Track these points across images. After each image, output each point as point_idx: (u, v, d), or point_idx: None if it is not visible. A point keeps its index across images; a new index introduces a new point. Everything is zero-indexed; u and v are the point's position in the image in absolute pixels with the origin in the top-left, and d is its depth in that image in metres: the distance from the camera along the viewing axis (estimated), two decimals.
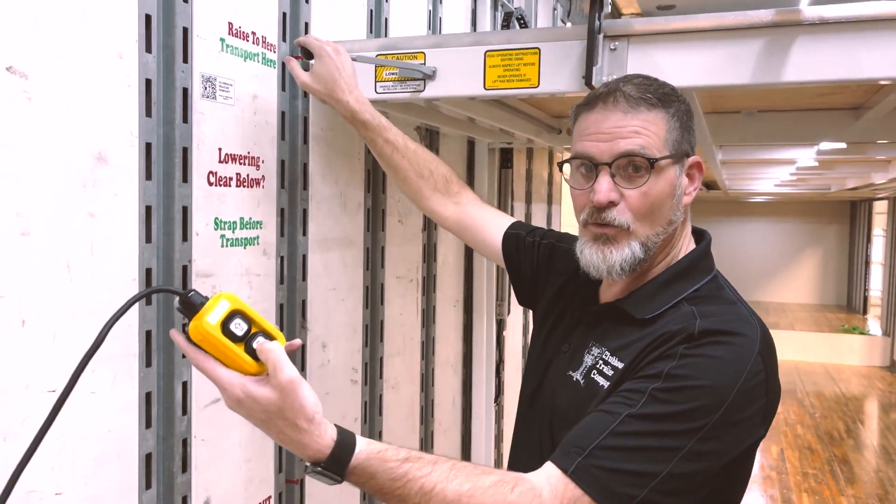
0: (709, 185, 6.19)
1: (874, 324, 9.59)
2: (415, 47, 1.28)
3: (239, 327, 0.80)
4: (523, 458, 1.09)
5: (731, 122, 2.07)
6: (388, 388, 1.73)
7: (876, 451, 5.20)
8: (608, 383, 0.96)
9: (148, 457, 0.99)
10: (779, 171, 4.93)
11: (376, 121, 1.28)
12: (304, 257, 1.35)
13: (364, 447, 0.83)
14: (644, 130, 0.95)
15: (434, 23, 1.86)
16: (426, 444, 2.01)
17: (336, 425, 0.83)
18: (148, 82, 0.97)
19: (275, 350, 0.79)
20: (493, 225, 1.34)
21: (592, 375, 0.99)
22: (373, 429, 1.66)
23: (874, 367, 8.09)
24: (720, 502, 0.97)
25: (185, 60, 1.02)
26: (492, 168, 2.33)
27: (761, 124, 2.05)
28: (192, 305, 0.79)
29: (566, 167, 1.03)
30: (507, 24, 2.24)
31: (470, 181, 2.26)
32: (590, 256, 1.00)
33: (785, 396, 6.59)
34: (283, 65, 1.26)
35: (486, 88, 1.24)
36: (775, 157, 3.83)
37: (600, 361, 0.99)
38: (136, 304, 0.96)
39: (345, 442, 0.82)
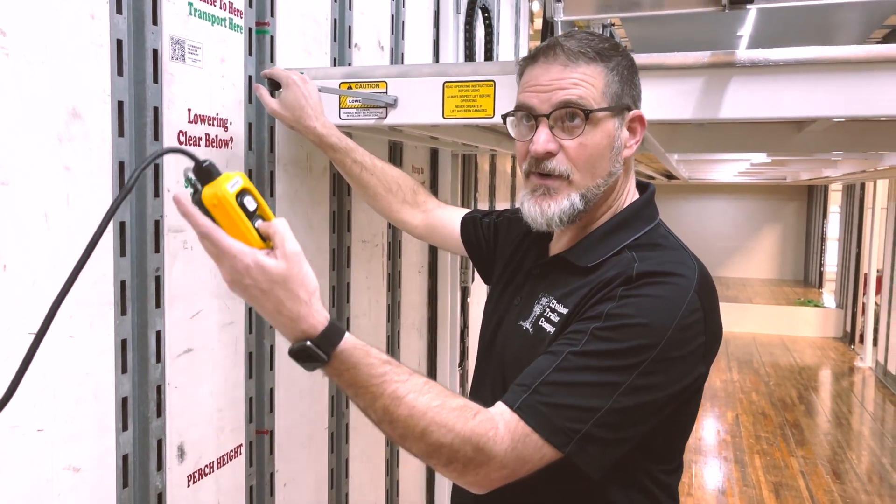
0: (668, 175, 6.34)
1: (829, 297, 9.91)
2: (377, 76, 1.34)
3: (250, 204, 0.82)
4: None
5: (682, 132, 2.17)
6: None
7: (826, 416, 5.43)
8: (554, 329, 0.99)
9: (124, 400, 1.05)
10: (735, 166, 5.08)
11: (343, 143, 1.35)
12: None
13: (351, 337, 0.86)
14: (582, 83, 0.98)
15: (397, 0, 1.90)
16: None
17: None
18: (119, 43, 1.01)
19: (281, 224, 0.83)
20: (456, 219, 1.41)
21: (540, 323, 1.03)
22: None
23: (828, 339, 8.39)
24: (664, 440, 1.01)
25: (155, 23, 1.06)
26: (455, 171, 2.39)
27: (710, 135, 2.14)
28: (208, 173, 0.81)
29: (510, 119, 1.06)
30: (471, 12, 2.27)
31: (434, 184, 2.33)
32: (528, 209, 1.04)
33: (742, 366, 6.82)
34: (250, 30, 1.30)
35: (444, 117, 1.31)
36: (729, 157, 3.95)
37: (548, 309, 1.03)
38: (111, 256, 1.01)
39: (336, 326, 0.85)
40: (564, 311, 1.00)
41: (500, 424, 0.88)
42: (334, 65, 1.60)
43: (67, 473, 0.95)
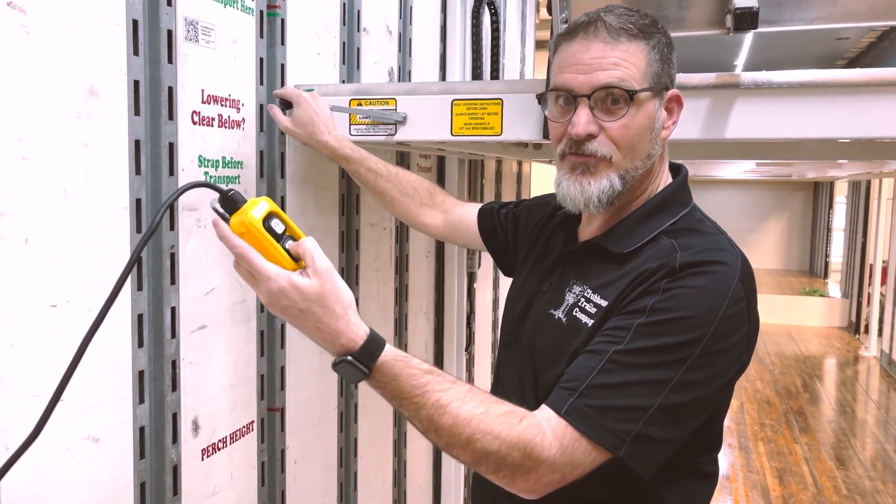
0: None
1: (834, 287, 9.90)
2: (387, 93, 1.37)
3: (277, 226, 0.85)
4: (503, 399, 1.08)
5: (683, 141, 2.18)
6: None
7: (830, 404, 5.44)
8: (592, 321, 0.96)
9: (140, 374, 1.07)
10: (740, 165, 5.11)
11: (356, 154, 1.37)
12: (283, 199, 1.42)
13: (392, 349, 0.86)
14: (624, 62, 0.94)
15: None
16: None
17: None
18: (135, 22, 1.03)
19: (310, 243, 0.85)
20: (474, 214, 1.40)
21: (574, 313, 0.99)
22: None
23: (833, 328, 8.39)
24: (709, 431, 1.00)
25: (169, 3, 1.08)
26: (461, 174, 2.41)
27: (712, 144, 2.15)
28: (233, 202, 0.84)
29: (545, 99, 1.03)
30: (477, 9, 2.26)
31: (440, 185, 2.34)
32: (567, 188, 1.00)
33: None
34: (261, 13, 1.32)
35: (452, 134, 1.33)
36: (733, 161, 3.97)
37: (582, 299, 0.99)
38: (127, 232, 1.03)
39: (376, 338, 0.86)
40: (604, 303, 0.96)
41: (548, 430, 0.87)
42: (343, 49, 1.61)
43: (87, 443, 0.97)
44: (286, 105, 1.36)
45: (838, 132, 1.15)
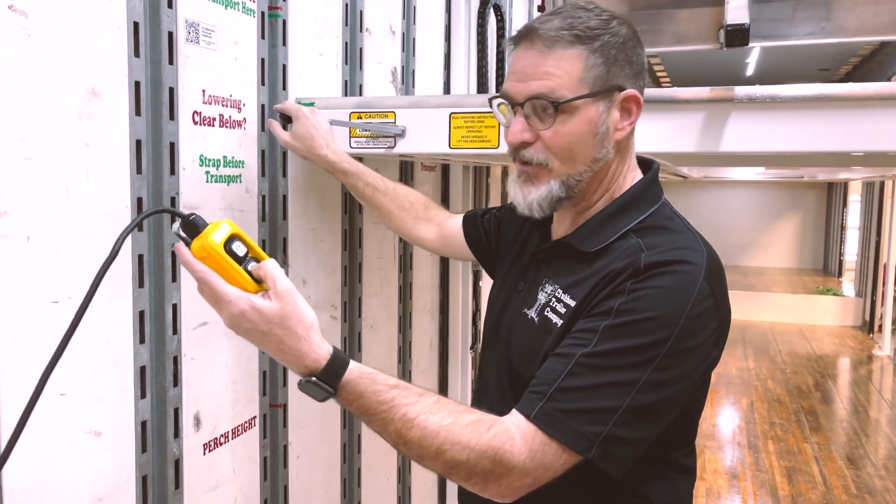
0: (683, 175, 6.35)
1: (848, 286, 9.82)
2: (386, 107, 1.39)
3: (239, 249, 0.86)
4: (485, 397, 1.13)
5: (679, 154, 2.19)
6: (366, 326, 1.83)
7: (842, 403, 5.41)
8: (561, 321, 0.97)
9: (142, 369, 1.09)
10: (750, 168, 5.09)
11: (354, 168, 1.39)
12: (285, 198, 1.44)
13: (356, 367, 0.87)
14: (556, 71, 0.94)
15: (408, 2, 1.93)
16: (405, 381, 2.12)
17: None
18: (136, 24, 1.05)
19: (271, 265, 0.86)
20: (461, 223, 1.42)
21: (546, 313, 1.01)
22: None
23: (846, 327, 8.33)
24: (683, 426, 1.01)
25: (170, 6, 1.10)
26: (466, 175, 2.42)
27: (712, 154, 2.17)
28: (194, 227, 0.86)
29: (495, 103, 1.04)
30: (483, 11, 2.27)
31: (445, 192, 2.37)
32: (514, 194, 1.04)
33: (758, 354, 6.80)
34: (263, 14, 1.34)
35: (451, 147, 1.34)
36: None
37: (553, 299, 1.01)
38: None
39: (339, 357, 0.87)
40: (572, 303, 0.97)
41: (517, 435, 0.88)
42: (345, 49, 1.63)
43: (89, 437, 0.99)
44: (286, 119, 1.38)
45: (835, 146, 1.14)
